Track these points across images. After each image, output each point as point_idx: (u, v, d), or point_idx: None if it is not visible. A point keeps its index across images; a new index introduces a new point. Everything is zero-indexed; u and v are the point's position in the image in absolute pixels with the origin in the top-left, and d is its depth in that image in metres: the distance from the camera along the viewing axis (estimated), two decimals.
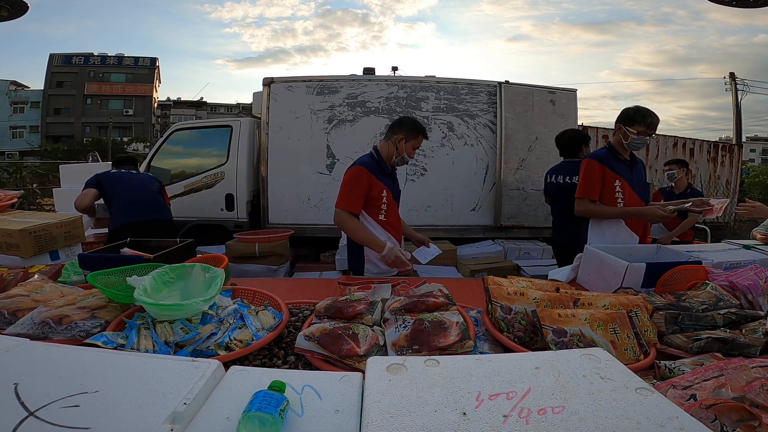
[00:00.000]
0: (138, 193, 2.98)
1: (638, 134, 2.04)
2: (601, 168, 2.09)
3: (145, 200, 2.97)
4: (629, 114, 2.07)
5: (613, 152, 2.14)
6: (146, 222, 2.86)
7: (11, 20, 4.31)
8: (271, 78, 4.12)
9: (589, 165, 2.13)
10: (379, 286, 1.31)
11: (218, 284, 1.10)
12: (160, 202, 3.09)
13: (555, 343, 0.95)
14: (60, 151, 21.71)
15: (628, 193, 2.10)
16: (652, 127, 2.04)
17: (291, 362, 0.99)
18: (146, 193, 3.03)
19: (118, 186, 2.95)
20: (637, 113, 2.05)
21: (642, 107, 2.07)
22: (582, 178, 2.15)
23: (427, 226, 4.20)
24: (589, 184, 2.12)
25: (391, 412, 0.58)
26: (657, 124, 2.06)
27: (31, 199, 9.58)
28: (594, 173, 2.10)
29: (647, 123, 2.03)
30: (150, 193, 3.05)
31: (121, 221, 2.82)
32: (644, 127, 2.03)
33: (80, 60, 32.38)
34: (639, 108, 2.07)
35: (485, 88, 4.21)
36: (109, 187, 2.93)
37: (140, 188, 3.02)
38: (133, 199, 2.92)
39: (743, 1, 4.05)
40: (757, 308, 1.22)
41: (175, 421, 0.58)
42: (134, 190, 2.98)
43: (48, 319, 1.00)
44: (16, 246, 1.72)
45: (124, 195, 2.92)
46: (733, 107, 13.21)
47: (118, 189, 2.93)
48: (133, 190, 2.97)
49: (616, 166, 2.11)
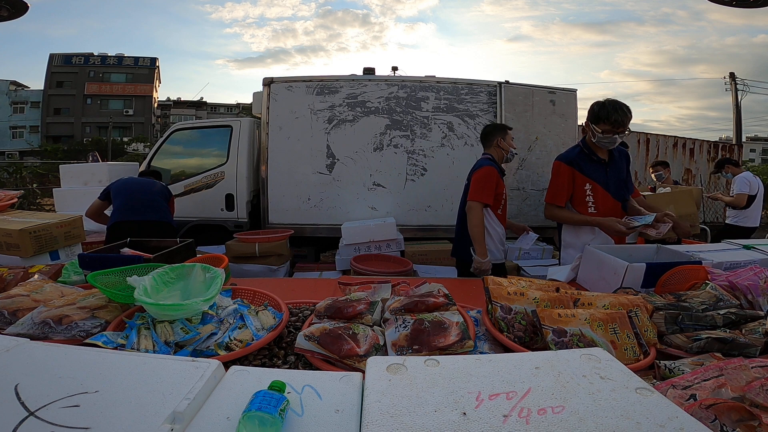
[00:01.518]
0: (137, 194, 3.04)
1: (603, 133, 1.87)
2: (570, 171, 1.97)
3: (143, 201, 3.02)
4: (594, 111, 1.91)
5: (586, 152, 1.99)
6: (142, 222, 2.89)
7: (11, 20, 4.31)
8: (271, 78, 4.12)
9: (557, 168, 2.02)
10: (379, 286, 1.31)
11: (218, 284, 1.10)
12: (160, 205, 3.12)
13: (555, 343, 0.95)
14: (60, 151, 21.71)
15: (601, 195, 1.97)
16: (618, 124, 1.85)
17: (291, 362, 0.99)
18: (145, 194, 3.07)
19: (121, 189, 3.07)
20: (601, 110, 1.88)
21: (610, 102, 1.89)
22: (550, 181, 2.06)
23: (427, 226, 4.20)
24: (555, 188, 2.01)
25: (391, 412, 0.58)
26: (625, 120, 1.86)
27: (31, 199, 9.56)
28: (561, 177, 1.99)
29: (612, 120, 1.84)
30: (149, 194, 3.09)
31: (115, 219, 2.91)
32: (609, 125, 1.85)
33: (80, 60, 32.36)
34: (605, 103, 1.89)
35: (485, 88, 4.20)
36: (114, 192, 3.06)
37: (140, 190, 3.09)
38: (132, 199, 2.99)
39: (743, 0, 4.05)
40: (756, 308, 1.22)
41: (175, 420, 0.58)
42: (134, 191, 3.06)
43: (48, 319, 1.00)
44: (16, 246, 1.72)
45: (123, 196, 3.01)
46: (733, 107, 13.21)
47: (120, 192, 3.05)
48: (133, 191, 3.06)
49: (587, 167, 1.97)
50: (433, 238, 4.13)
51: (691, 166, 8.07)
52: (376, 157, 4.12)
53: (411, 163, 4.15)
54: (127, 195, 3.01)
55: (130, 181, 3.19)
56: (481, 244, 2.23)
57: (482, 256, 2.23)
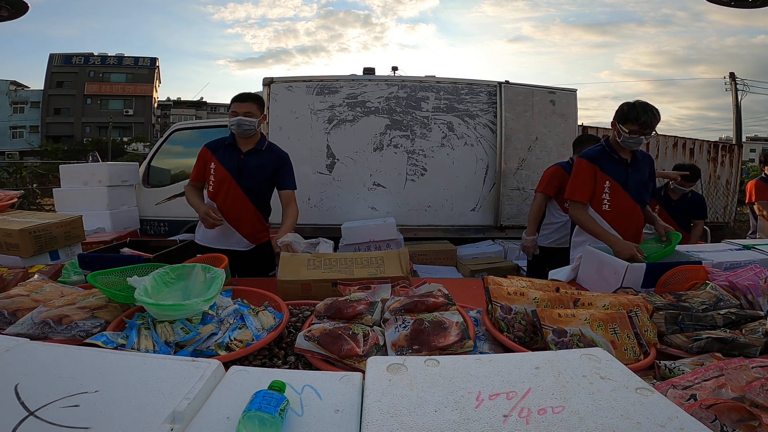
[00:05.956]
0: None
1: (630, 133, 1.87)
2: (592, 168, 1.98)
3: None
4: (623, 111, 1.91)
5: (608, 150, 2.00)
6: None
7: (11, 20, 4.31)
8: (271, 78, 4.12)
9: (579, 165, 2.02)
10: (379, 287, 1.30)
11: (218, 284, 1.10)
12: None
13: (555, 343, 0.95)
14: (60, 151, 21.70)
15: (619, 195, 1.97)
16: (646, 126, 1.86)
17: (291, 362, 0.99)
18: None
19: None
20: (630, 110, 1.88)
21: (639, 103, 1.90)
22: (571, 178, 2.05)
23: (427, 226, 4.20)
24: (577, 184, 2.00)
25: (391, 412, 0.58)
26: (653, 122, 1.87)
27: (31, 199, 9.56)
28: (584, 172, 1.98)
29: (640, 122, 1.85)
30: None
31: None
32: (637, 126, 1.86)
33: (80, 60, 32.34)
34: (635, 104, 1.90)
35: (485, 88, 4.20)
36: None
37: None
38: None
39: (742, 1, 4.05)
40: (757, 308, 1.22)
41: (175, 420, 0.58)
42: None
43: (48, 319, 1.00)
44: (16, 246, 1.72)
45: None
46: (733, 107, 13.20)
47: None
48: None
49: (608, 165, 1.97)
50: (433, 238, 4.14)
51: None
52: (376, 157, 4.12)
53: (411, 163, 4.15)
54: None
55: None
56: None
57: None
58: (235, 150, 2.14)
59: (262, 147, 2.18)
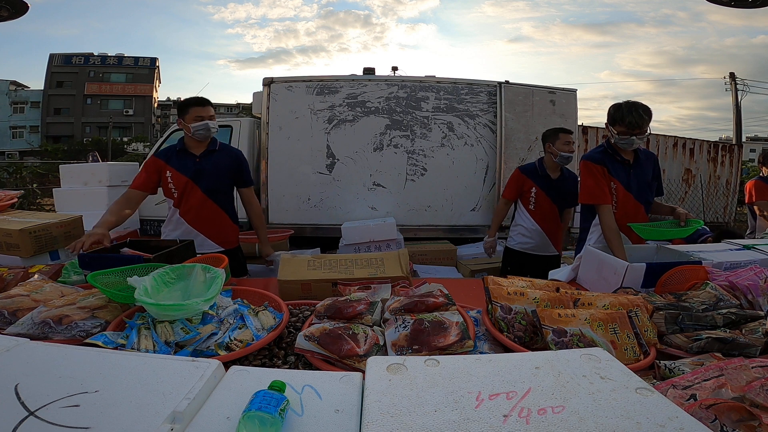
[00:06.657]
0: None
1: (619, 135, 1.85)
2: (602, 169, 1.95)
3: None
4: (611, 112, 1.89)
5: (610, 152, 1.97)
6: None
7: (11, 20, 4.31)
8: (271, 78, 4.12)
9: (587, 167, 1.96)
10: (378, 287, 1.30)
11: (218, 284, 1.10)
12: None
13: (555, 343, 0.95)
14: (60, 151, 21.72)
15: (623, 195, 1.96)
16: (633, 126, 1.81)
17: (291, 362, 0.99)
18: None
19: None
20: (616, 112, 1.85)
21: (625, 104, 1.86)
22: (581, 182, 1.99)
23: (427, 226, 4.20)
24: (592, 188, 1.93)
25: (391, 412, 0.58)
26: (641, 122, 1.82)
27: (31, 199, 9.57)
28: (596, 174, 1.93)
29: (626, 122, 1.82)
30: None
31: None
32: (624, 127, 1.83)
33: (80, 60, 32.34)
34: (621, 105, 1.86)
35: (485, 88, 4.21)
36: None
37: None
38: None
39: (742, 1, 4.05)
40: (757, 308, 1.22)
41: (175, 420, 0.58)
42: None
43: (48, 319, 1.00)
44: (16, 246, 1.72)
45: None
46: (733, 107, 13.19)
47: None
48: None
49: (612, 166, 1.95)
50: (433, 238, 4.14)
51: (691, 166, 8.07)
52: (376, 157, 4.13)
53: (411, 163, 4.16)
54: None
55: None
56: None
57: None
58: (188, 155, 2.13)
59: (215, 147, 2.18)
